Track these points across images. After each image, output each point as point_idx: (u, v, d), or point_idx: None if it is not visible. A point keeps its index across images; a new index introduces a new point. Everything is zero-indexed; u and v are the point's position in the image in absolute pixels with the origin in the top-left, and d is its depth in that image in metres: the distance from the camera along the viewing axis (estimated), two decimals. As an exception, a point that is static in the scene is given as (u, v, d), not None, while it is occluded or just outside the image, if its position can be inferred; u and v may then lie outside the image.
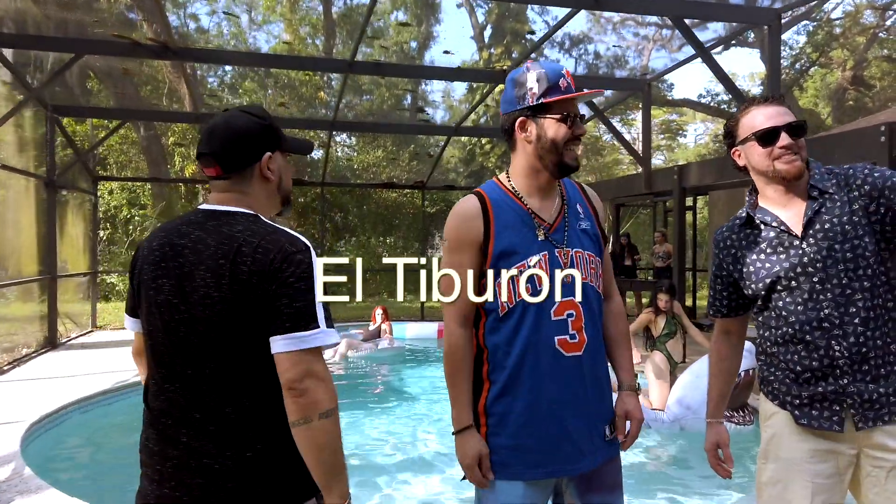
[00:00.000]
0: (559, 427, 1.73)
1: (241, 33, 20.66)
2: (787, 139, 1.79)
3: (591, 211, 1.90)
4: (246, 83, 17.05)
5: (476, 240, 1.75)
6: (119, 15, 12.81)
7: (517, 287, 1.73)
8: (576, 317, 1.75)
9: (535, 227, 1.77)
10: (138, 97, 13.89)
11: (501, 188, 1.83)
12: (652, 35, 20.70)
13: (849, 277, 1.73)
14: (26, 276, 8.78)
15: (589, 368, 1.78)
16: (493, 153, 22.85)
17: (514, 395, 1.74)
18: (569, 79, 1.76)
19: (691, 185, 7.45)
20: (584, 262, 1.79)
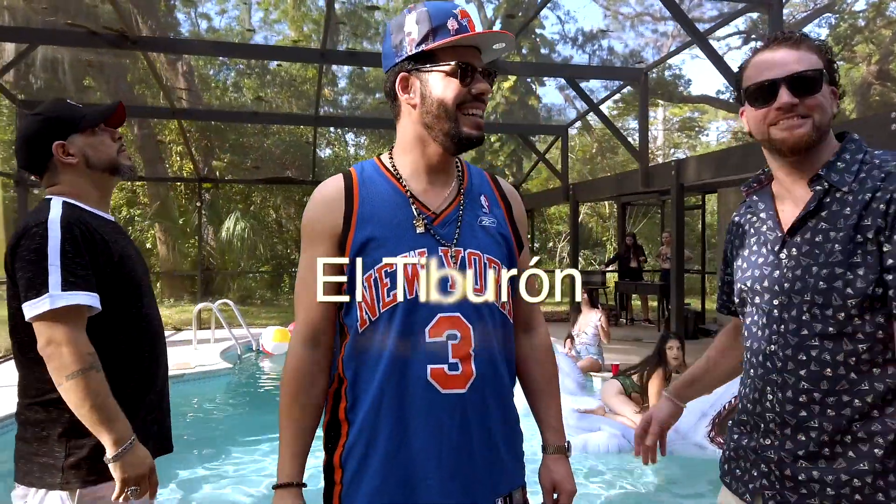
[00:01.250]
0: (424, 489, 1.27)
1: (247, 34, 20.45)
2: (786, 96, 1.27)
3: (501, 206, 1.42)
4: (246, 81, 16.77)
5: (332, 230, 1.31)
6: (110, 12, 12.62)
7: (381, 292, 1.27)
8: (460, 340, 1.27)
9: (414, 217, 1.31)
10: (132, 94, 13.66)
11: (379, 166, 1.38)
12: (671, 31, 20.12)
13: (811, 314, 1.24)
14: None
15: (476, 414, 1.30)
16: (503, 151, 22.39)
17: (373, 445, 1.29)
18: (464, 20, 1.30)
19: (690, 181, 6.91)
20: (480, 267, 1.31)
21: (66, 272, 1.51)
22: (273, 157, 16.18)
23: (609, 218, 23.65)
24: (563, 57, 23.67)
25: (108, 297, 1.62)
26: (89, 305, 1.53)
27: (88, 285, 1.54)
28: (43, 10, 5.96)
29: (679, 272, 6.87)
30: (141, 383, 1.72)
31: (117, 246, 1.68)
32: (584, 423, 4.70)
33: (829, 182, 1.26)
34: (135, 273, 1.72)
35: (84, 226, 1.60)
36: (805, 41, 1.31)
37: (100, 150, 1.71)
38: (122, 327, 1.67)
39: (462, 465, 1.29)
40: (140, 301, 1.72)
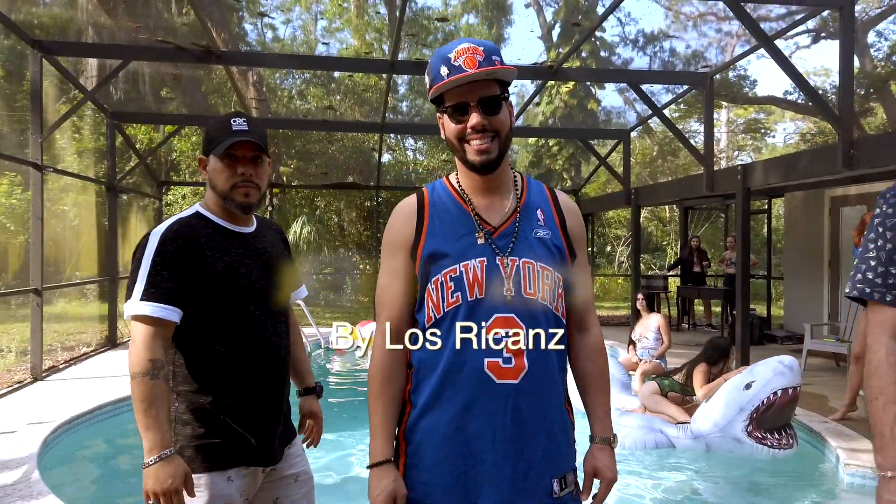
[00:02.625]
0: (480, 468, 1.45)
1: (312, 42, 21.12)
2: None
3: (555, 219, 1.59)
4: (312, 89, 17.31)
5: (406, 242, 1.53)
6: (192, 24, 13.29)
7: (445, 294, 1.47)
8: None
9: (476, 230, 1.50)
10: (207, 104, 14.32)
11: (447, 186, 1.59)
12: (735, 30, 19.67)
13: None
14: (89, 277, 9.11)
15: (528, 404, 1.47)
16: (561, 155, 22.32)
17: (434, 424, 1.48)
18: (458, 60, 1.44)
19: (757, 185, 6.86)
20: (533, 274, 1.49)
21: (150, 283, 1.70)
22: (337, 163, 16.65)
23: (669, 222, 23.26)
24: (624, 59, 23.44)
25: (201, 305, 1.78)
26: (163, 322, 1.70)
27: (167, 298, 1.71)
28: (136, 29, 6.45)
29: (745, 277, 6.83)
30: (229, 391, 1.82)
31: (226, 258, 1.82)
32: (627, 420, 4.83)
33: None
34: (238, 285, 1.83)
35: (183, 240, 1.77)
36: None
37: (217, 178, 1.86)
38: (213, 334, 1.80)
39: (515, 447, 1.45)
40: (240, 311, 1.83)
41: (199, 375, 1.80)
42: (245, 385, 1.83)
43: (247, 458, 1.83)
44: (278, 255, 2.01)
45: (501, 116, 1.49)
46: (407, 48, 20.92)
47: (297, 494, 1.99)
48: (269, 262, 1.94)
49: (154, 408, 1.65)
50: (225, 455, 1.80)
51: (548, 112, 21.88)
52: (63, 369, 7.25)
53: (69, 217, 15.16)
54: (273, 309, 1.92)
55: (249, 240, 1.93)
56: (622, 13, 21.65)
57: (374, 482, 1.48)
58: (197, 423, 1.79)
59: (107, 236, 9.01)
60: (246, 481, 1.85)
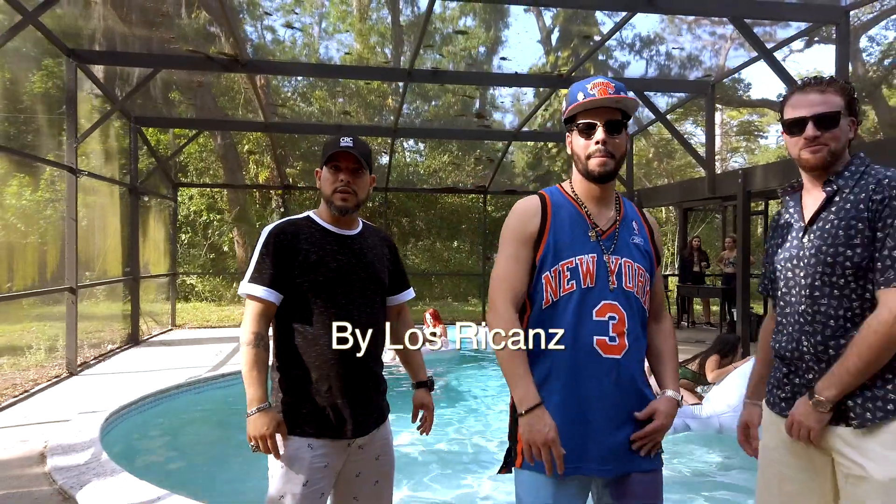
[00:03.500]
0: (587, 427, 1.77)
1: (315, 44, 21.38)
2: (811, 130, 1.78)
3: (646, 231, 1.95)
4: (316, 92, 17.61)
5: (532, 234, 1.84)
6: (199, 29, 13.54)
7: (562, 282, 1.80)
8: (618, 321, 1.79)
9: (589, 230, 1.85)
10: (216, 107, 14.61)
11: (562, 193, 1.93)
12: (730, 34, 20.06)
13: (822, 281, 1.75)
14: (112, 277, 9.40)
15: (627, 375, 1.80)
16: (560, 157, 22.66)
17: (549, 390, 1.79)
18: (594, 90, 1.80)
19: (756, 188, 7.24)
20: (632, 272, 1.83)
21: (256, 269, 2.06)
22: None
23: (666, 223, 23.66)
24: (620, 62, 23.81)
25: (296, 291, 2.07)
26: (266, 303, 2.04)
27: (266, 281, 2.04)
28: (170, 40, 6.78)
29: (745, 276, 7.20)
30: (314, 369, 2.07)
31: (319, 252, 2.09)
32: None
33: (836, 185, 1.78)
34: (327, 276, 2.08)
35: (286, 235, 2.09)
36: (831, 85, 1.79)
37: (323, 185, 2.16)
38: (304, 317, 2.08)
39: (615, 409, 1.79)
40: (328, 299, 2.08)
41: (292, 352, 2.08)
42: (328, 365, 2.06)
43: (327, 430, 2.06)
44: (375, 258, 2.23)
45: (620, 140, 1.82)
46: (408, 52, 21.25)
47: (376, 473, 2.19)
48: (363, 261, 2.17)
49: (255, 370, 2.01)
50: (307, 424, 2.05)
51: (547, 115, 22.24)
52: (94, 364, 7.55)
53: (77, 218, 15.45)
54: (361, 300, 2.13)
55: (347, 240, 2.18)
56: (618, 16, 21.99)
57: (537, 421, 1.70)
58: (286, 392, 2.08)
59: (128, 237, 9.30)
60: (327, 451, 2.06)
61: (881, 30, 22.41)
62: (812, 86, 1.81)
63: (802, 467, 1.81)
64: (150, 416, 5.62)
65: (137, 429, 5.29)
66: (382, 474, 2.22)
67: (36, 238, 13.69)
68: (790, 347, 1.82)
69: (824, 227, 1.78)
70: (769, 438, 1.92)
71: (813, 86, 1.81)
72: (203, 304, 15.65)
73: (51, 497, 3.57)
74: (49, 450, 4.31)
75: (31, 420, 5.11)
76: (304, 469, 2.02)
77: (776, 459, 1.87)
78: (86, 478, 3.74)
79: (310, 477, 2.03)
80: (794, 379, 1.83)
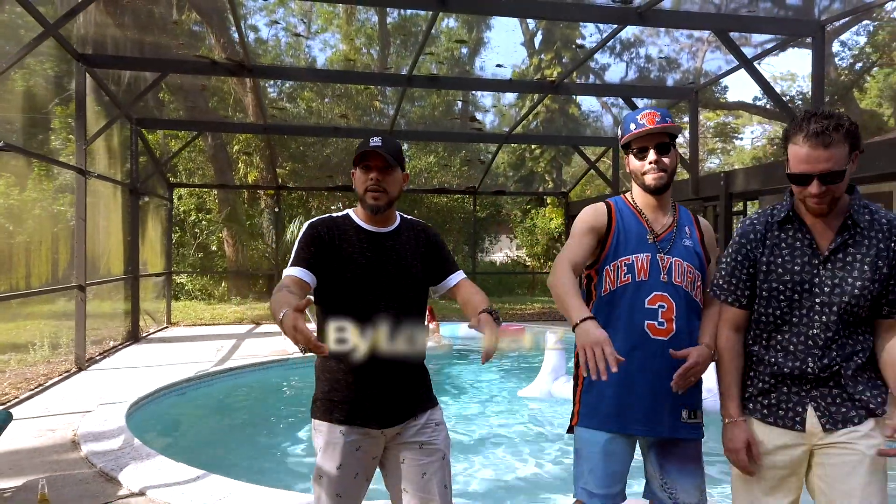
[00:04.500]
0: (634, 394, 2.12)
1: (300, 43, 21.52)
2: (816, 188, 1.85)
3: (697, 234, 2.26)
4: (305, 93, 17.80)
5: (600, 228, 2.21)
6: (189, 31, 13.67)
7: (619, 275, 2.17)
8: (667, 309, 2.12)
9: (647, 233, 2.20)
10: (208, 108, 14.76)
11: (625, 202, 2.28)
12: (706, 37, 20.60)
13: (845, 311, 1.91)
14: (112, 275, 9.57)
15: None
16: (543, 158, 23.11)
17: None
18: (643, 120, 2.15)
19: (737, 190, 7.65)
20: (681, 269, 2.16)
21: (296, 256, 2.15)
22: (330, 166, 17.19)
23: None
24: (601, 65, 24.29)
25: (329, 283, 2.17)
26: (298, 277, 2.09)
27: (303, 264, 2.11)
28: (180, 46, 6.98)
29: (727, 272, 7.60)
30: (345, 359, 2.15)
31: (350, 249, 2.19)
32: None
33: (856, 222, 1.92)
34: (355, 271, 2.17)
35: (324, 229, 2.20)
36: (837, 131, 1.81)
37: (356, 184, 2.25)
38: (335, 309, 2.17)
39: (661, 382, 2.10)
40: (356, 293, 2.16)
41: (325, 343, 2.18)
42: (358, 358, 2.12)
43: (358, 418, 2.14)
44: (409, 253, 2.29)
45: (669, 158, 2.17)
46: (394, 53, 21.52)
47: (420, 461, 2.20)
48: (393, 257, 2.24)
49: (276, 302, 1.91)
50: (339, 412, 2.15)
51: (531, 118, 22.63)
52: (99, 360, 7.75)
53: (66, 217, 15.47)
54: (389, 295, 2.19)
55: (379, 238, 2.25)
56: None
57: (591, 328, 1.90)
58: (323, 381, 2.22)
59: (129, 236, 9.48)
60: (359, 438, 2.15)
61: (853, 35, 23.19)
62: (820, 136, 1.81)
63: (782, 464, 2.01)
64: (167, 406, 5.88)
65: (157, 418, 5.55)
66: (431, 467, 2.20)
67: (25, 238, 13.72)
68: (793, 366, 1.96)
69: (847, 260, 1.92)
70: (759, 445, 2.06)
71: (821, 136, 1.81)
72: (193, 303, 15.78)
73: (94, 478, 3.83)
74: (80, 437, 4.55)
75: (53, 411, 5.33)
76: (338, 453, 2.14)
77: (767, 462, 2.03)
78: (123, 461, 4.00)
79: (343, 460, 2.13)
80: (783, 388, 2.01)
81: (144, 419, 5.32)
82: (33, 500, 3.28)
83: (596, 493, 2.14)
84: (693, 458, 2.17)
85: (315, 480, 2.18)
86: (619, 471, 2.16)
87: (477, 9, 7.35)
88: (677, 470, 2.14)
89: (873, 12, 19.55)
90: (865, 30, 23.02)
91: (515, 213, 20.83)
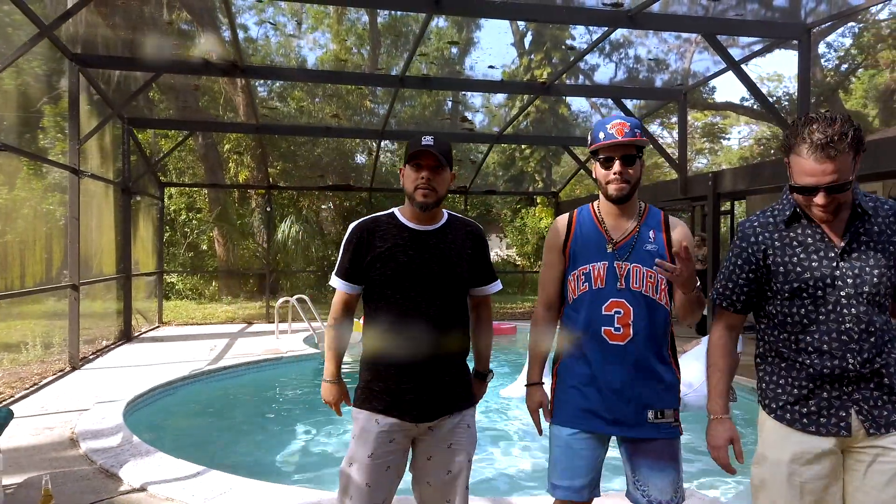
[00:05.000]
0: (597, 396, 2.21)
1: (289, 42, 21.48)
2: (822, 199, 1.82)
3: (663, 238, 2.27)
4: (295, 92, 17.80)
5: (559, 246, 2.33)
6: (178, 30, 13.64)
7: (579, 284, 2.26)
8: (623, 314, 2.19)
9: (605, 242, 2.26)
10: (198, 107, 14.74)
11: (590, 210, 2.35)
12: (694, 38, 20.77)
13: (871, 300, 1.87)
14: (104, 275, 9.57)
15: (632, 357, 2.19)
16: (533, 158, 23.20)
17: (570, 365, 2.28)
18: (612, 130, 2.19)
19: (725, 190, 7.77)
20: (640, 275, 2.21)
21: (339, 263, 2.32)
22: (321, 165, 17.20)
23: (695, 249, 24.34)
24: (590, 65, 24.41)
25: (372, 281, 2.27)
26: (345, 295, 2.33)
27: (343, 274, 2.30)
28: (174, 46, 6.99)
29: (715, 272, 7.73)
30: (385, 353, 2.24)
31: (391, 246, 2.25)
32: None
33: (864, 209, 1.89)
34: (395, 269, 2.23)
35: (365, 231, 2.28)
36: (842, 140, 1.76)
37: (406, 181, 2.28)
38: (377, 305, 2.27)
39: (620, 386, 2.19)
40: (397, 289, 2.23)
41: (372, 334, 2.28)
42: (399, 351, 2.22)
43: (394, 409, 2.21)
44: (453, 252, 2.31)
45: (635, 169, 2.22)
46: (384, 53, 21.54)
47: (449, 462, 2.27)
48: (437, 255, 2.27)
49: (329, 348, 2.36)
50: (377, 400, 2.23)
51: (521, 118, 22.72)
52: (93, 360, 7.76)
53: (55, 217, 15.39)
54: (431, 293, 2.24)
55: (423, 236, 2.28)
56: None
57: (530, 395, 2.35)
58: (365, 369, 2.30)
59: (121, 236, 9.48)
60: (393, 429, 2.21)
61: (838, 37, 23.46)
62: (825, 149, 1.77)
63: (822, 474, 1.90)
64: (164, 404, 5.92)
65: (154, 415, 5.59)
66: (456, 466, 2.28)
67: (14, 237, 13.65)
68: (831, 364, 1.88)
69: (862, 249, 1.89)
70: (783, 453, 1.94)
71: (826, 149, 1.77)
72: (184, 302, 15.76)
73: (95, 474, 3.87)
74: (78, 435, 4.58)
75: (50, 410, 5.35)
76: (371, 441, 2.19)
77: (796, 472, 1.91)
78: (123, 458, 4.05)
79: (375, 450, 2.18)
80: (822, 393, 1.90)
81: (142, 417, 5.36)
82: (36, 496, 3.32)
83: (558, 485, 2.24)
84: (665, 455, 2.20)
85: (344, 469, 2.24)
86: (583, 465, 2.22)
87: (469, 10, 7.41)
88: (648, 468, 2.19)
89: (858, 14, 19.81)
90: (851, 31, 23.32)
91: (505, 212, 20.93)
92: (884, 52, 23.20)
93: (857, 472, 1.89)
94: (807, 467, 1.90)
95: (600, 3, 6.37)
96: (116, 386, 6.08)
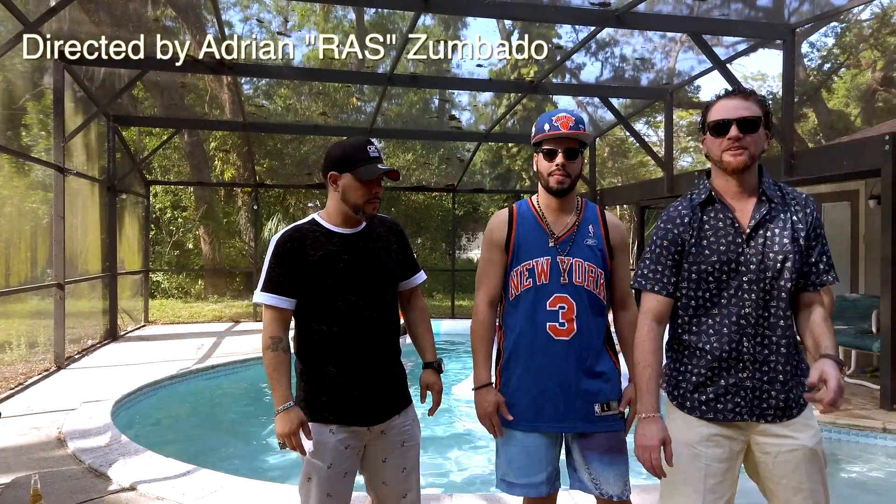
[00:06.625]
0: (542, 393, 2.21)
1: (275, 40, 21.36)
2: (735, 132, 1.88)
3: (602, 232, 2.29)
4: (281, 90, 17.72)
5: (501, 241, 2.31)
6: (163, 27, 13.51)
7: (522, 280, 2.26)
8: (567, 309, 2.21)
9: (548, 237, 2.27)
10: (184, 105, 14.63)
11: (530, 205, 2.35)
12: (679, 37, 20.90)
13: (771, 286, 1.90)
14: (89, 273, 9.49)
15: (577, 352, 2.20)
16: (520, 156, 23.26)
17: (515, 364, 2.27)
18: (557, 122, 2.21)
19: (711, 188, 7.84)
20: (581, 269, 2.23)
21: (266, 278, 2.15)
22: (308, 163, 17.15)
23: (621, 220, 24.59)
24: (577, 64, 24.52)
25: (308, 292, 2.16)
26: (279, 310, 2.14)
27: (277, 289, 2.13)
28: (163, 47, 6.91)
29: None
30: (331, 361, 2.18)
31: (325, 257, 2.17)
32: None
33: (770, 197, 1.93)
34: (334, 276, 2.16)
35: (293, 242, 2.16)
36: (752, 96, 1.93)
37: (353, 194, 2.18)
38: (317, 316, 2.18)
39: (567, 382, 2.21)
40: (337, 297, 2.17)
41: (310, 347, 2.21)
42: (343, 358, 2.18)
43: (347, 417, 2.18)
44: (382, 250, 2.29)
45: (577, 163, 2.24)
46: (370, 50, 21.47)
47: (404, 460, 2.29)
48: (369, 256, 2.25)
49: (277, 372, 2.10)
50: (328, 411, 2.17)
51: (509, 117, 22.77)
52: (78, 359, 7.70)
53: (38, 215, 15.24)
54: (370, 295, 2.22)
55: (351, 239, 2.24)
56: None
57: (483, 397, 2.26)
58: (308, 382, 2.22)
59: (107, 234, 9.41)
60: (348, 436, 2.18)
61: (821, 36, 23.71)
62: (736, 94, 1.93)
63: (724, 457, 1.95)
64: (152, 403, 5.89)
65: (142, 414, 5.57)
66: (410, 461, 2.31)
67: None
68: (727, 348, 1.91)
69: (769, 235, 1.92)
70: (686, 436, 1.97)
71: (737, 94, 1.93)
72: (170, 301, 15.65)
73: (84, 474, 3.85)
74: (66, 434, 4.56)
75: (36, 410, 5.31)
76: (328, 452, 2.15)
77: (700, 454, 1.95)
78: (112, 457, 4.03)
79: (333, 459, 2.15)
80: (719, 381, 1.94)
81: (130, 416, 5.34)
82: (25, 495, 3.30)
83: (516, 483, 2.23)
84: (614, 448, 2.22)
85: (303, 484, 2.19)
86: (540, 461, 2.22)
87: (458, 9, 7.42)
88: (599, 461, 2.20)
89: (841, 15, 20.04)
90: (833, 31, 23.57)
91: (493, 210, 20.98)
92: (865, 51, 23.50)
93: (764, 462, 1.93)
94: (710, 450, 1.94)
95: (587, 3, 6.41)
96: (103, 385, 6.05)
